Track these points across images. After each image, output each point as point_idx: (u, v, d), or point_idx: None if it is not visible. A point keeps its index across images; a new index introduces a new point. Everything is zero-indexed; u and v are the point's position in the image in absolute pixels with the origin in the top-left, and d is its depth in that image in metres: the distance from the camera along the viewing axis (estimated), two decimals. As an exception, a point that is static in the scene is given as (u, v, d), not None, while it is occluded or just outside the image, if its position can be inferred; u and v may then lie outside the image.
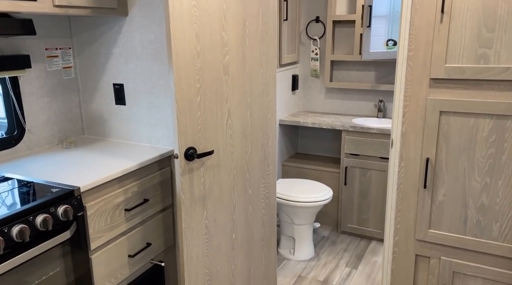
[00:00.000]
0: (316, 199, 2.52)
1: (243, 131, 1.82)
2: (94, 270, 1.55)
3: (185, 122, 1.54)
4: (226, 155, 1.74)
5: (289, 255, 2.70)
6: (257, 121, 1.89)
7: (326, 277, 2.48)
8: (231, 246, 1.87)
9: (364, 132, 2.82)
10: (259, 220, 2.02)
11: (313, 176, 3.14)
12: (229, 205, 1.81)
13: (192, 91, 1.55)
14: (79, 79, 2.13)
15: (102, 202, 1.56)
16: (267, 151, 1.99)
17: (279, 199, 2.58)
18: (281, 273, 2.53)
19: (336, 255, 2.76)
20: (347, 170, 2.93)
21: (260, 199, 2.00)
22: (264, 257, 2.11)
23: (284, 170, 3.26)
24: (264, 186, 2.01)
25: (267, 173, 2.02)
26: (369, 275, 2.51)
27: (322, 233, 3.07)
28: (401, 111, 1.65)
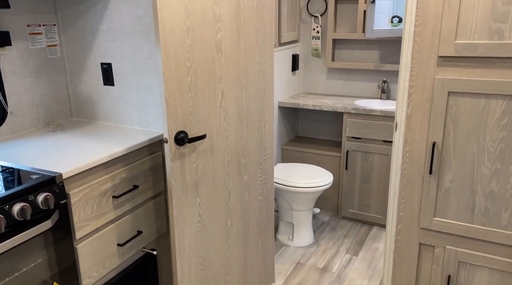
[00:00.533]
0: (315, 185, 2.44)
1: (238, 113, 1.73)
2: (80, 260, 1.49)
3: (174, 104, 1.45)
4: (220, 139, 1.66)
5: (288, 242, 2.65)
6: (253, 103, 1.80)
7: (326, 264, 2.43)
8: (226, 234, 1.80)
9: (367, 115, 2.72)
10: (256, 207, 1.95)
11: (314, 160, 3.06)
12: (224, 192, 1.74)
13: (182, 71, 1.45)
14: (65, 58, 2.03)
15: (87, 189, 1.48)
16: (264, 135, 1.90)
17: (277, 185, 2.50)
18: (279, 260, 2.48)
19: (336, 241, 2.70)
20: (349, 154, 2.85)
21: (256, 185, 1.92)
22: (261, 245, 2.04)
23: (284, 154, 3.18)
24: (260, 171, 1.93)
25: (264, 158, 1.93)
26: (370, 262, 2.45)
27: (322, 218, 3.01)
28: (406, 92, 1.55)
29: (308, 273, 2.34)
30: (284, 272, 2.35)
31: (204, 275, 1.73)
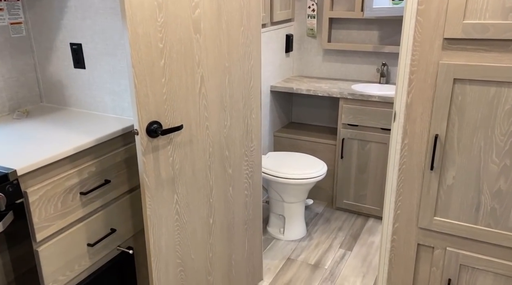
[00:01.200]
0: (307, 176, 2.31)
1: (221, 101, 1.58)
2: (42, 264, 1.36)
3: (145, 91, 1.30)
4: (199, 130, 1.51)
5: (279, 235, 2.54)
6: (237, 89, 1.64)
7: (318, 260, 2.32)
8: (208, 232, 1.68)
9: (364, 100, 2.57)
10: (241, 202, 1.82)
11: (307, 148, 2.92)
12: (205, 187, 1.60)
13: (154, 53, 1.29)
14: (32, 37, 1.86)
15: (49, 186, 1.35)
16: (250, 124, 1.76)
17: (267, 175, 2.37)
18: (269, 255, 2.37)
19: (330, 234, 2.59)
20: (344, 142, 2.71)
21: (242, 179, 1.79)
22: (248, 242, 1.92)
23: (276, 142, 3.04)
24: (247, 164, 1.79)
25: (251, 149, 1.80)
26: (365, 257, 2.34)
27: (316, 209, 2.90)
28: (406, 78, 1.40)
29: (299, 269, 2.23)
30: (273, 269, 2.24)
31: (183, 277, 1.61)
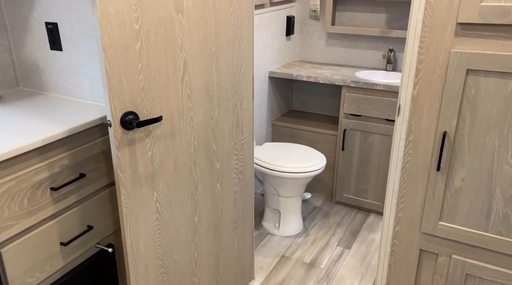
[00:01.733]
0: (304, 170, 2.19)
1: (207, 90, 1.45)
2: (6, 266, 1.26)
3: (118, 78, 1.17)
4: (183, 121, 1.39)
5: (274, 230, 2.43)
6: (226, 76, 1.51)
7: (314, 258, 2.21)
8: (192, 232, 1.57)
9: (368, 89, 2.43)
10: (230, 198, 1.70)
11: (307, 138, 2.79)
12: (189, 184, 1.49)
13: (128, 35, 1.16)
14: (5, 14, 1.72)
15: (13, 182, 1.23)
16: (240, 116, 1.63)
17: (261, 168, 2.25)
18: (263, 251, 2.27)
19: (328, 230, 2.48)
20: (346, 133, 2.57)
21: (231, 174, 1.67)
22: (238, 240, 1.82)
23: (274, 131, 2.91)
24: (236, 158, 1.67)
25: (241, 142, 1.67)
26: (363, 257, 2.24)
27: (314, 202, 2.78)
28: (413, 67, 1.26)
29: (293, 268, 2.13)
30: (266, 267, 2.14)
31: (165, 279, 1.51)
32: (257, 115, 2.68)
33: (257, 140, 2.75)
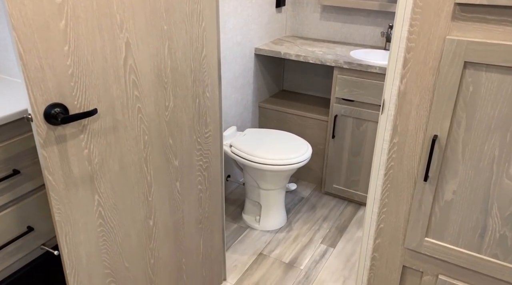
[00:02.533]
0: (286, 162, 2.00)
1: (158, 76, 1.25)
2: None
3: (38, 64, 0.97)
4: (128, 113, 1.20)
5: (254, 223, 2.27)
6: (183, 60, 1.30)
7: (294, 258, 2.06)
8: (147, 236, 1.40)
9: (363, 71, 2.20)
10: (194, 198, 1.53)
11: (296, 123, 2.59)
12: (140, 184, 1.31)
13: (47, 11, 0.95)
14: None
15: None
16: (203, 105, 1.43)
17: (240, 158, 2.07)
18: (239, 248, 2.12)
19: (313, 225, 2.31)
20: (337, 119, 2.37)
21: (194, 172, 1.49)
22: (204, 243, 1.66)
23: (261, 114, 2.71)
24: (200, 154, 1.48)
25: (205, 136, 1.48)
26: (348, 257, 2.08)
27: (302, 192, 2.61)
28: (401, 56, 1.05)
29: (270, 269, 1.98)
30: (241, 266, 1.99)
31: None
32: (241, 97, 2.47)
33: (242, 124, 2.55)
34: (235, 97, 2.41)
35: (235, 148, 2.10)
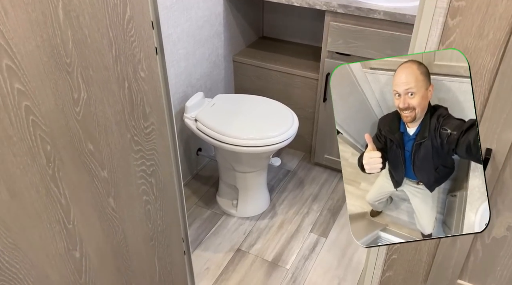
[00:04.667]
0: (266, 142, 1.62)
1: (54, 56, 0.82)
2: None
3: None
4: (9, 117, 0.79)
5: (231, 209, 1.94)
6: (93, 28, 0.87)
7: (278, 254, 1.76)
8: (74, 272, 1.06)
9: (363, 17, 1.77)
10: (138, 213, 1.17)
11: (279, 82, 2.18)
12: (50, 210, 0.94)
13: None
14: None
15: None
16: (138, 90, 1.02)
17: (207, 138, 1.68)
18: (213, 242, 1.80)
19: (301, 207, 2.00)
20: (329, 77, 1.96)
21: (133, 181, 1.11)
22: (159, 261, 1.33)
23: (237, 70, 2.28)
24: (140, 156, 1.09)
25: (145, 131, 1.08)
26: (343, 249, 1.78)
27: (288, 164, 2.27)
28: (438, 23, 0.64)
29: (250, 270, 1.68)
30: (214, 269, 1.69)
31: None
32: (209, 51, 2.03)
33: (212, 87, 2.13)
34: (201, 52, 1.97)
35: (201, 124, 1.70)
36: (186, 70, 1.89)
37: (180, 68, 1.85)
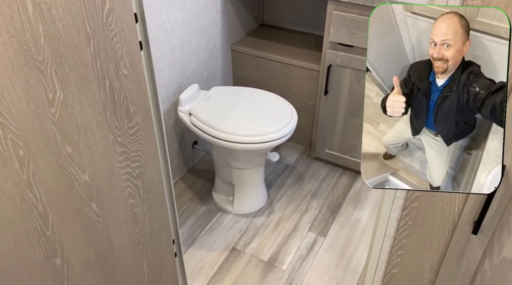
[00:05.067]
0: (263, 139, 1.55)
1: (25, 52, 0.75)
2: None
3: None
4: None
5: (227, 205, 1.89)
6: (67, 22, 0.79)
7: (275, 253, 1.70)
8: (55, 279, 1.01)
9: (368, 6, 1.68)
10: (124, 217, 1.11)
11: (279, 73, 2.10)
12: (26, 217, 0.88)
13: None
14: None
15: None
16: (120, 88, 0.95)
17: (202, 133, 1.61)
18: (207, 241, 1.75)
19: (300, 203, 1.94)
20: (331, 70, 1.88)
21: (118, 184, 1.05)
22: (148, 265, 1.27)
23: (235, 60, 2.20)
24: (125, 158, 1.03)
25: (130, 132, 1.01)
26: (343, 249, 1.73)
27: (287, 158, 2.21)
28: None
29: (245, 270, 1.63)
30: (208, 268, 1.64)
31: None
32: (206, 40, 1.95)
33: (209, 78, 2.06)
34: (197, 42, 1.89)
35: (195, 119, 1.63)
36: (181, 60, 1.81)
37: (174, 59, 1.77)
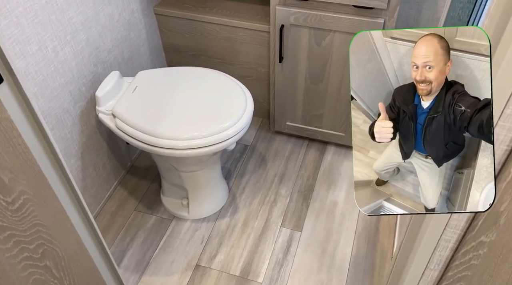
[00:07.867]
0: (213, 140, 1.22)
1: None
2: None
3: None
4: None
5: (181, 211, 1.58)
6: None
7: (247, 263, 1.45)
8: None
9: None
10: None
11: (220, 37, 1.73)
12: None
13: None
14: None
15: None
16: None
17: (132, 139, 1.25)
18: (163, 263, 1.46)
19: (267, 193, 1.67)
20: (284, 31, 1.54)
21: (15, 276, 0.71)
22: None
23: (162, 26, 1.79)
24: (15, 244, 0.68)
25: (13, 207, 0.66)
26: (323, 245, 1.50)
27: (244, 136, 1.90)
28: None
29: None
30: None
31: None
32: (119, 9, 1.52)
33: (131, 56, 1.65)
34: (107, 14, 1.46)
35: (121, 122, 1.26)
36: (89, 42, 1.39)
37: (80, 43, 1.35)
